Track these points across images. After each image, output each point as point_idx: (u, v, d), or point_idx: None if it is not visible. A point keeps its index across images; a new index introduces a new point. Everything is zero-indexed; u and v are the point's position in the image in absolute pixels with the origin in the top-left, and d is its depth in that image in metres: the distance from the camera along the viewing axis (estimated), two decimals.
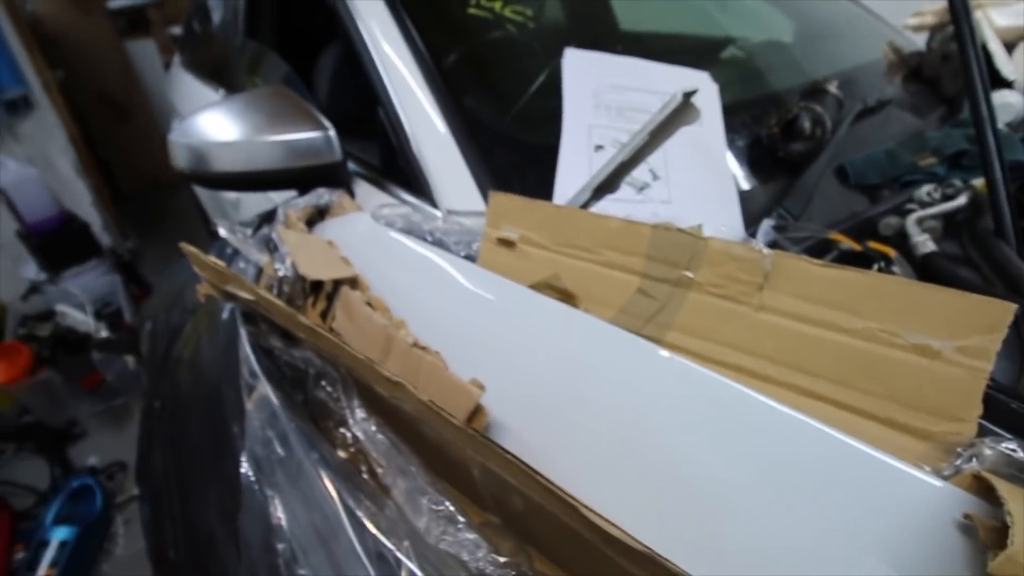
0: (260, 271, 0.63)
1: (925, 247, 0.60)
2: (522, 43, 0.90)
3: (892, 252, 0.61)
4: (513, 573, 0.32)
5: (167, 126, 2.28)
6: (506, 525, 0.38)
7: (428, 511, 0.35)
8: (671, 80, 0.85)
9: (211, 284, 0.56)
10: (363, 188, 0.86)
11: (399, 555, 0.37)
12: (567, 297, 0.51)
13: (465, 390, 0.44)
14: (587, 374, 0.46)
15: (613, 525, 0.28)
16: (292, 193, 0.81)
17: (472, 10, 0.89)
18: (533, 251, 0.55)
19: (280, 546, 0.42)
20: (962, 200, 0.65)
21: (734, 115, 0.81)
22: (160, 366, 0.77)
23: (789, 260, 0.41)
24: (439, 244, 0.63)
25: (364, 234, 0.69)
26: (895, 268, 0.59)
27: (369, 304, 0.55)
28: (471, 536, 0.33)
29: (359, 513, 0.40)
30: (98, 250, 2.46)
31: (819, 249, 0.63)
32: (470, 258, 0.60)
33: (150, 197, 3.72)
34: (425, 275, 0.59)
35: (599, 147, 0.74)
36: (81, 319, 2.17)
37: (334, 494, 0.41)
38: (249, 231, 0.69)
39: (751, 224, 0.71)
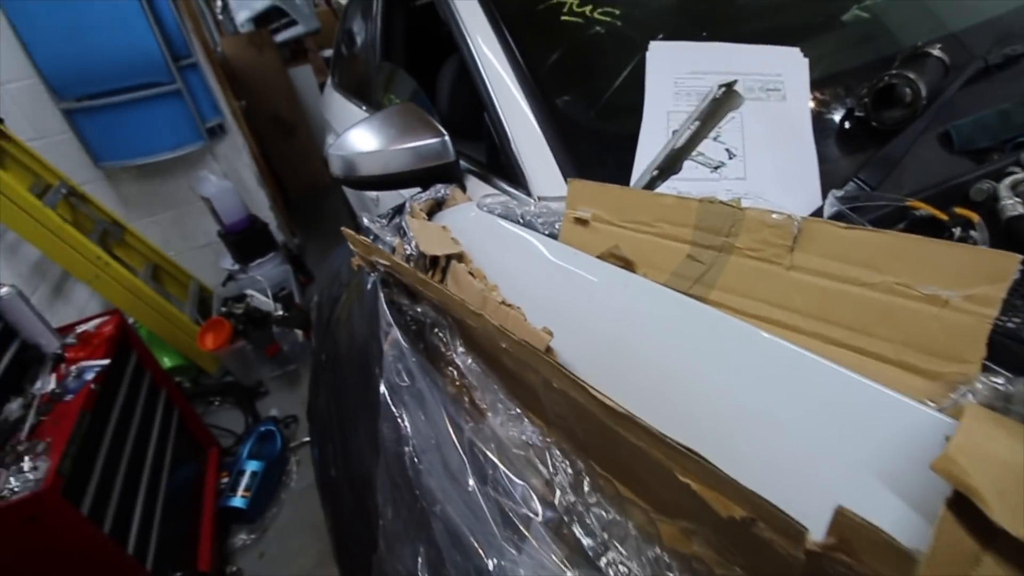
0: (393, 250, 0.81)
1: (1013, 210, 0.59)
2: (610, 41, 0.98)
3: (976, 217, 0.60)
4: (559, 451, 0.43)
5: (323, 140, 2.70)
6: (564, 433, 0.49)
7: (504, 414, 0.48)
8: (755, 60, 0.88)
9: (360, 256, 0.74)
10: (473, 182, 1.01)
11: (487, 452, 0.51)
12: (627, 264, 0.60)
13: (538, 335, 0.56)
14: (640, 326, 0.55)
15: (638, 418, 0.38)
16: (418, 189, 0.99)
17: (565, 18, 0.99)
18: (603, 227, 0.65)
19: (406, 448, 0.58)
20: None
21: (847, 81, 0.82)
22: (324, 328, 0.99)
23: (816, 224, 0.47)
24: (528, 225, 0.75)
25: (470, 219, 0.83)
26: (974, 233, 0.59)
27: (471, 273, 0.69)
28: (534, 428, 0.45)
29: (459, 422, 0.54)
30: (275, 245, 2.98)
31: (893, 217, 0.64)
32: (553, 236, 0.71)
33: (310, 201, 4.36)
34: (516, 250, 0.72)
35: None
36: (264, 301, 2.67)
37: (443, 410, 0.56)
38: (385, 221, 0.87)
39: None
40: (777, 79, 0.85)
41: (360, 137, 1.00)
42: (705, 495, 0.32)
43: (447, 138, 0.96)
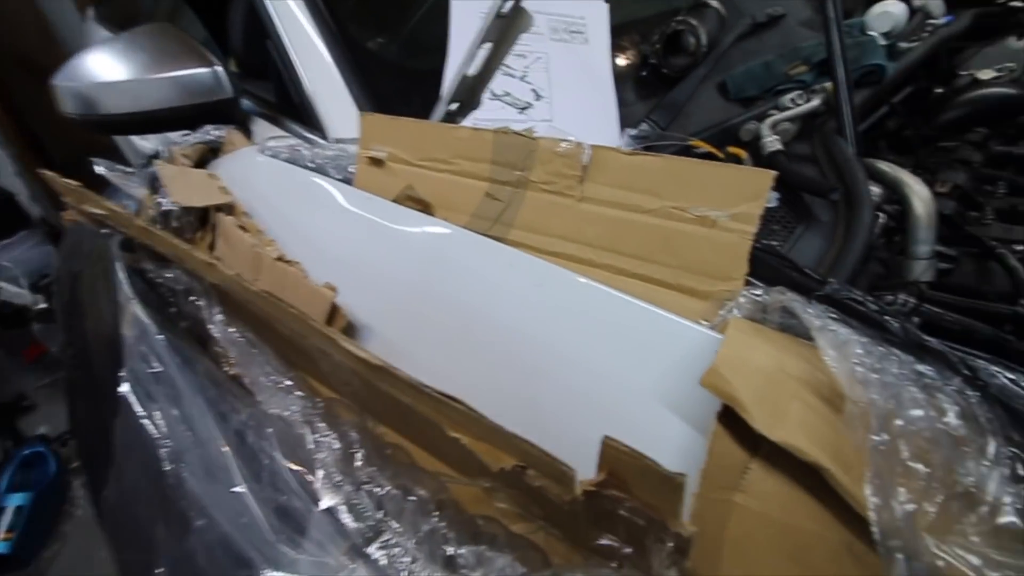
0: (140, 205, 0.64)
1: (772, 147, 0.65)
2: None
3: (743, 154, 0.66)
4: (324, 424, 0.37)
5: None
6: (349, 399, 0.42)
7: (271, 389, 0.40)
8: (559, 2, 0.86)
9: (72, 207, 0.58)
10: (261, 125, 0.86)
11: (261, 440, 0.42)
12: (424, 207, 0.54)
13: (320, 293, 0.48)
14: (440, 273, 0.50)
15: (422, 384, 0.32)
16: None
17: None
18: (399, 167, 0.58)
19: (161, 452, 0.46)
20: (816, 102, 0.69)
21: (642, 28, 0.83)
22: (68, 315, 0.78)
23: (603, 152, 0.45)
24: (320, 170, 0.65)
25: (252, 167, 0.70)
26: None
27: (242, 227, 0.57)
28: (308, 402, 0.38)
29: (224, 409, 0.44)
30: (27, 221, 2.37)
31: (679, 155, 0.67)
32: (348, 181, 0.62)
33: (85, 164, 3.56)
34: (305, 199, 0.62)
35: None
36: (16, 292, 2.13)
37: (201, 398, 0.45)
38: (130, 169, 0.70)
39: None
40: (580, 22, 0.84)
41: (101, 63, 0.78)
42: (476, 448, 0.28)
43: (219, 68, 0.79)
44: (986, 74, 0.95)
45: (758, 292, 0.37)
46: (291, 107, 0.83)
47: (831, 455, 0.28)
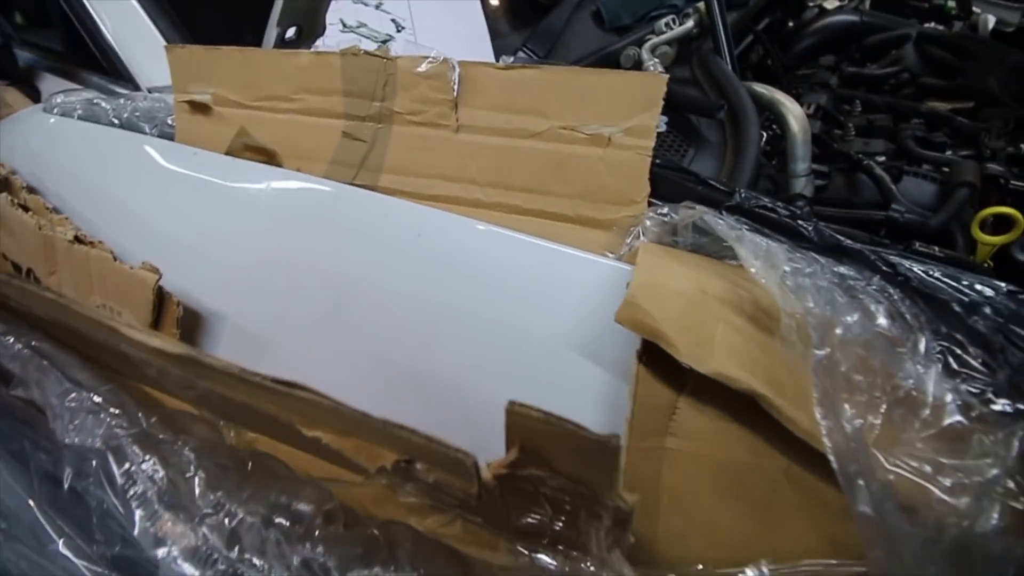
0: None
1: (656, 68, 0.61)
2: None
3: None
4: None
5: None
6: (197, 406, 0.33)
7: (75, 411, 0.29)
8: None
9: None
10: (48, 80, 0.68)
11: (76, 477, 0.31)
12: (269, 157, 0.44)
13: (138, 278, 0.37)
14: (298, 237, 0.41)
15: (245, 372, 0.24)
16: None
17: None
18: (229, 112, 0.46)
19: None
20: (690, 24, 0.67)
21: None
22: None
23: (474, 68, 0.38)
24: (128, 126, 0.51)
25: (33, 130, 0.54)
26: None
27: (23, 207, 0.43)
28: (123, 422, 0.28)
29: (24, 447, 0.32)
30: None
31: None
32: (170, 137, 0.50)
33: None
34: (109, 162, 0.49)
35: None
36: None
37: None
38: None
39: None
40: None
41: None
42: (343, 447, 0.21)
43: None
44: (831, 4, 0.99)
45: (664, 212, 0.33)
46: (88, 56, 0.66)
47: (764, 379, 0.25)
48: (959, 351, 0.24)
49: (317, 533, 0.23)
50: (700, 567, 0.25)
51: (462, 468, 0.18)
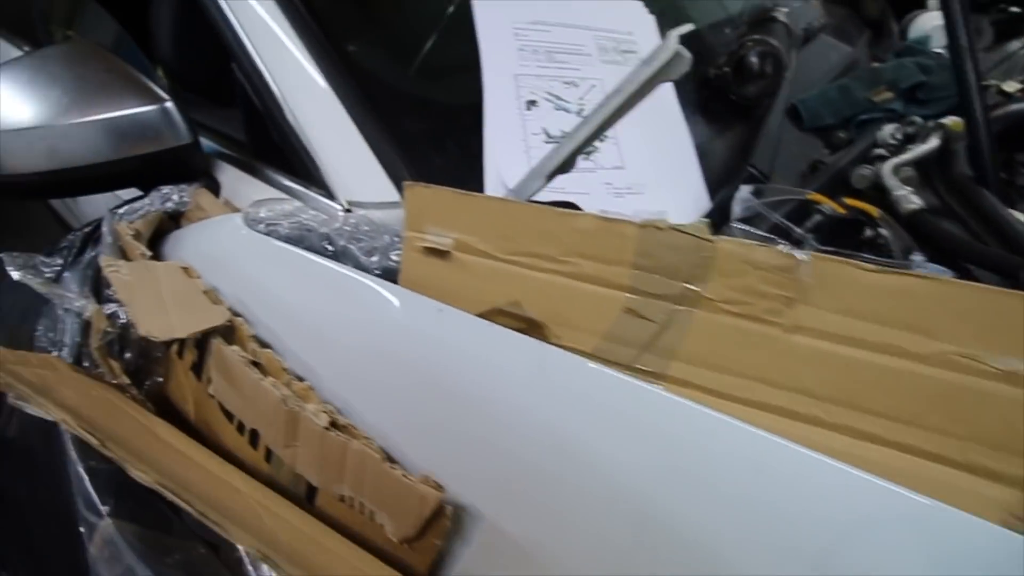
0: (87, 324, 0.44)
1: (909, 202, 0.53)
2: None
3: (874, 211, 0.54)
4: None
5: None
6: None
7: None
8: (599, 13, 0.71)
9: None
10: (230, 175, 0.65)
11: None
12: (531, 327, 0.38)
13: (417, 493, 0.31)
14: (575, 435, 0.34)
15: None
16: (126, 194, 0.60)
17: None
18: (475, 262, 0.41)
19: None
20: (934, 143, 0.59)
21: (696, 44, 0.69)
22: None
23: (831, 266, 0.31)
24: (343, 256, 0.47)
25: (236, 248, 0.51)
26: (883, 231, 0.52)
27: (255, 364, 0.39)
28: None
29: None
30: None
31: (799, 214, 0.54)
32: (389, 274, 0.45)
33: None
34: (329, 305, 0.44)
35: (531, 103, 0.60)
36: None
37: None
38: (59, 261, 0.48)
39: (718, 187, 0.61)
40: (630, 39, 0.69)
41: None
42: None
43: (170, 104, 0.59)
44: (1011, 86, 0.89)
45: None
46: (271, 149, 0.64)
47: None
48: None
49: None
50: None
51: None
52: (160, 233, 0.57)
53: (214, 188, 0.64)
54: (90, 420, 0.29)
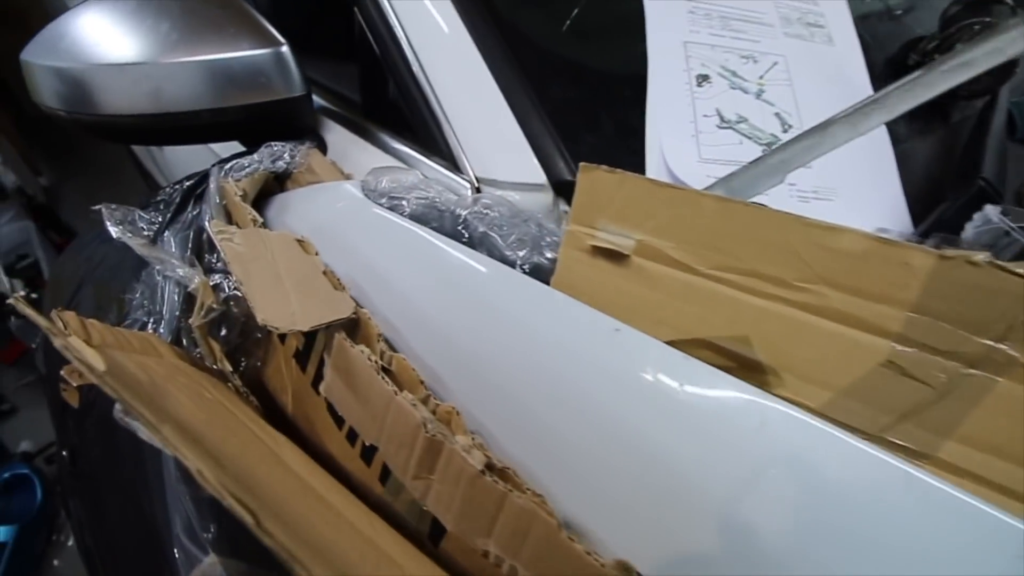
0: (189, 296, 0.38)
1: None
2: None
3: None
4: None
5: None
6: None
7: None
8: None
9: (73, 372, 0.31)
10: (338, 135, 0.59)
11: None
12: (746, 369, 0.29)
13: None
14: (809, 523, 0.25)
15: None
16: (227, 147, 0.54)
17: None
18: (664, 273, 0.32)
19: None
20: None
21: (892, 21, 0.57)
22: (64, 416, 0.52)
23: None
24: (481, 244, 0.39)
25: (352, 221, 0.44)
26: None
27: (386, 370, 0.31)
28: None
29: None
30: (2, 192, 2.05)
31: None
32: (538, 273, 0.37)
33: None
34: (467, 305, 0.36)
35: (702, 78, 0.49)
36: None
37: None
38: (157, 217, 0.43)
39: (919, 199, 0.49)
40: (816, 10, 0.57)
41: (99, 31, 0.50)
42: None
43: (285, 48, 0.52)
44: None
45: None
46: (388, 109, 0.56)
47: None
48: None
49: None
50: None
51: None
52: (263, 193, 0.51)
53: (322, 148, 0.57)
54: (207, 442, 0.22)
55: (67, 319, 0.26)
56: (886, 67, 0.58)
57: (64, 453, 0.56)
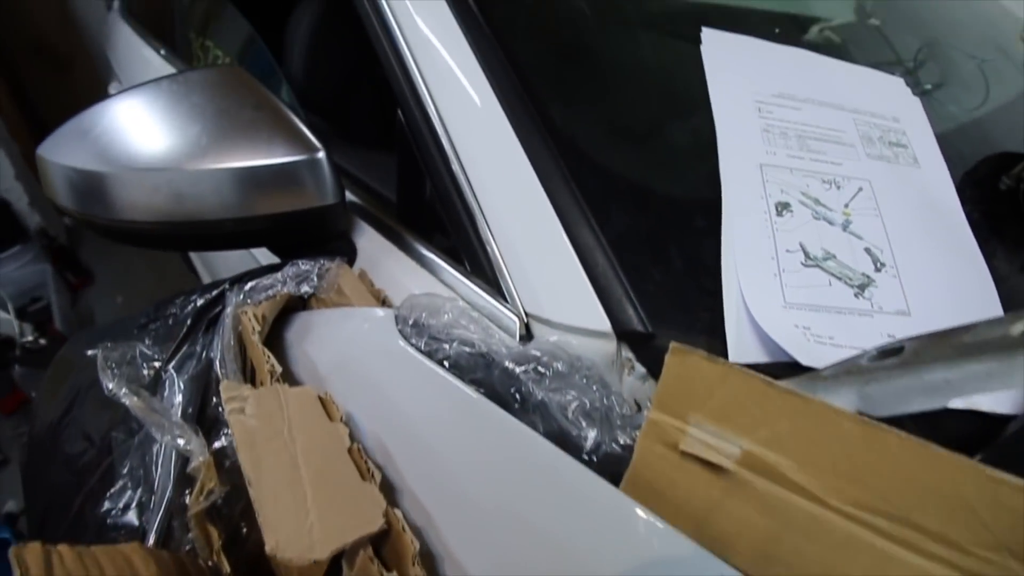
0: (183, 468, 0.32)
1: None
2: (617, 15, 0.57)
3: None
4: None
5: (110, 81, 1.81)
6: None
7: None
8: (857, 89, 0.55)
9: None
10: (368, 240, 0.54)
11: None
12: None
13: None
14: None
15: None
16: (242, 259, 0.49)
17: None
18: (779, 496, 0.25)
19: None
20: None
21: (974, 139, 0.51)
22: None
23: None
24: (535, 412, 0.33)
25: (386, 366, 0.38)
26: None
27: None
28: None
29: None
30: (23, 233, 2.05)
31: None
32: (609, 468, 0.30)
33: None
34: (529, 500, 0.29)
35: (783, 206, 0.44)
36: (2, 318, 1.79)
37: None
38: (160, 353, 0.37)
39: None
40: (897, 127, 0.53)
41: (121, 130, 0.47)
42: None
43: (322, 155, 0.48)
44: None
45: None
46: (422, 214, 0.52)
47: None
48: None
49: None
50: None
51: None
52: (285, 309, 0.46)
53: (351, 255, 0.52)
54: None
55: (28, 563, 0.20)
56: (975, 189, 0.53)
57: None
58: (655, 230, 0.42)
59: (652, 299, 0.38)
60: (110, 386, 0.33)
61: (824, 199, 0.45)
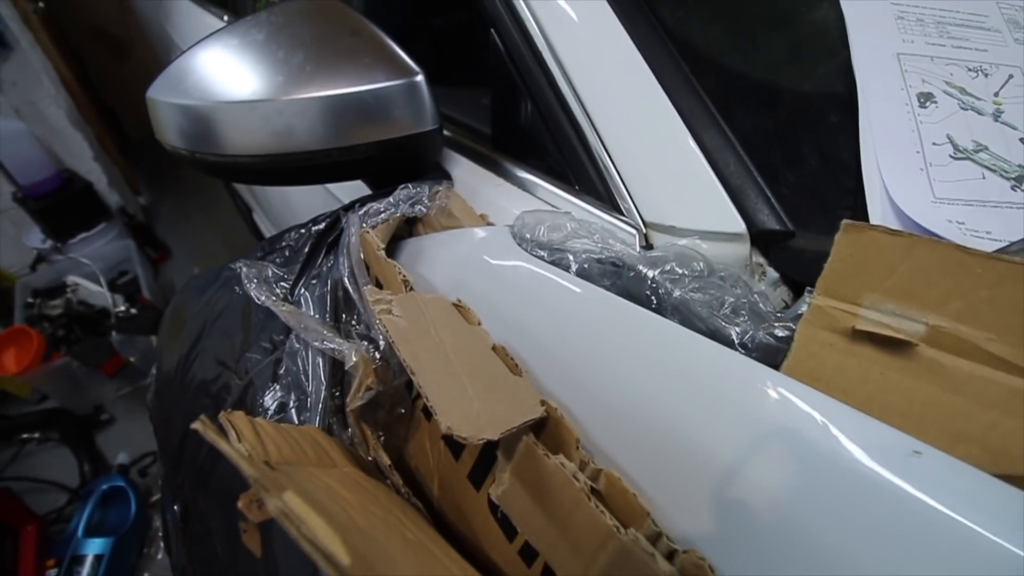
0: (338, 369, 0.33)
1: None
2: None
3: None
4: None
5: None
6: None
7: None
8: None
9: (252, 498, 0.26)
10: (463, 169, 0.53)
11: None
12: None
13: None
14: None
15: None
16: (354, 188, 0.50)
17: None
18: (973, 371, 0.23)
19: None
20: None
21: None
22: (176, 460, 0.50)
23: None
24: (676, 312, 0.32)
25: (512, 283, 0.37)
26: None
27: (596, 492, 0.24)
28: None
29: None
30: (106, 211, 2.18)
31: None
32: (768, 360, 0.29)
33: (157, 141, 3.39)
34: (687, 397, 0.29)
35: (925, 97, 0.40)
36: (95, 291, 1.93)
37: None
38: (287, 273, 0.38)
39: None
40: None
41: (219, 66, 0.48)
42: None
43: (420, 78, 0.47)
44: None
45: None
46: (521, 139, 0.51)
47: None
48: None
49: None
50: None
51: None
52: (392, 244, 0.46)
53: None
54: None
55: (239, 427, 0.21)
56: None
57: (175, 507, 0.53)
58: (785, 129, 0.40)
59: (787, 199, 0.36)
60: (257, 295, 0.35)
61: (971, 88, 0.41)
